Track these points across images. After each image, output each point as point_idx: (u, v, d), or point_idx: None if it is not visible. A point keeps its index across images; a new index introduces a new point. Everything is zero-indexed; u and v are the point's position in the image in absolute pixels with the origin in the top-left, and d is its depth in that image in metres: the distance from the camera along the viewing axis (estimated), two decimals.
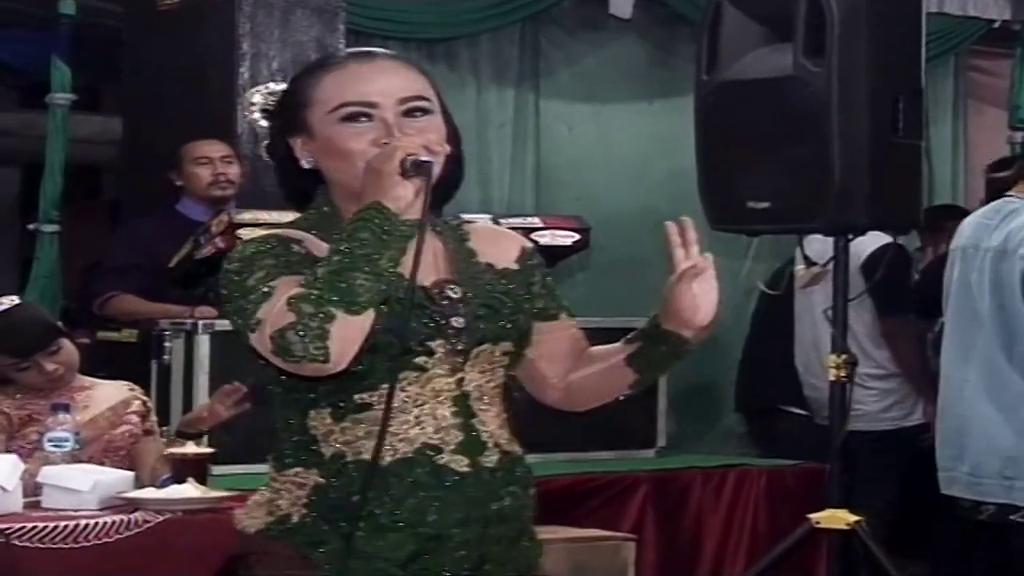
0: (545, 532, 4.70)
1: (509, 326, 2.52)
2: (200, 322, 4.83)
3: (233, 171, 5.75)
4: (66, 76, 6.07)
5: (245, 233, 4.98)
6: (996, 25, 8.22)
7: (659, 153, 7.43)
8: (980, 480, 4.04)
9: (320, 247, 2.42)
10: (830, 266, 4.82)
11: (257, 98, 2.66)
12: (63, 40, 6.14)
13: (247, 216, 5.07)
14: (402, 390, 2.42)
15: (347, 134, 2.45)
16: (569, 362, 2.64)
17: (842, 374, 4.59)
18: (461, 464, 2.44)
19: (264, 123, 2.60)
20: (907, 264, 5.91)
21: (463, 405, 2.46)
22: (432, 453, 2.42)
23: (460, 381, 2.46)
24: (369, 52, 2.55)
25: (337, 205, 2.49)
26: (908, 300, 5.92)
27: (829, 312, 4.70)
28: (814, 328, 5.93)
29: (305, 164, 2.50)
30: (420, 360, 2.43)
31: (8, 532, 3.55)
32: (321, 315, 2.29)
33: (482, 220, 2.65)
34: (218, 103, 6.10)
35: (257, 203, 5.51)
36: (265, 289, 2.35)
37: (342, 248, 2.33)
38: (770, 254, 6.27)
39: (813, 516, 4.56)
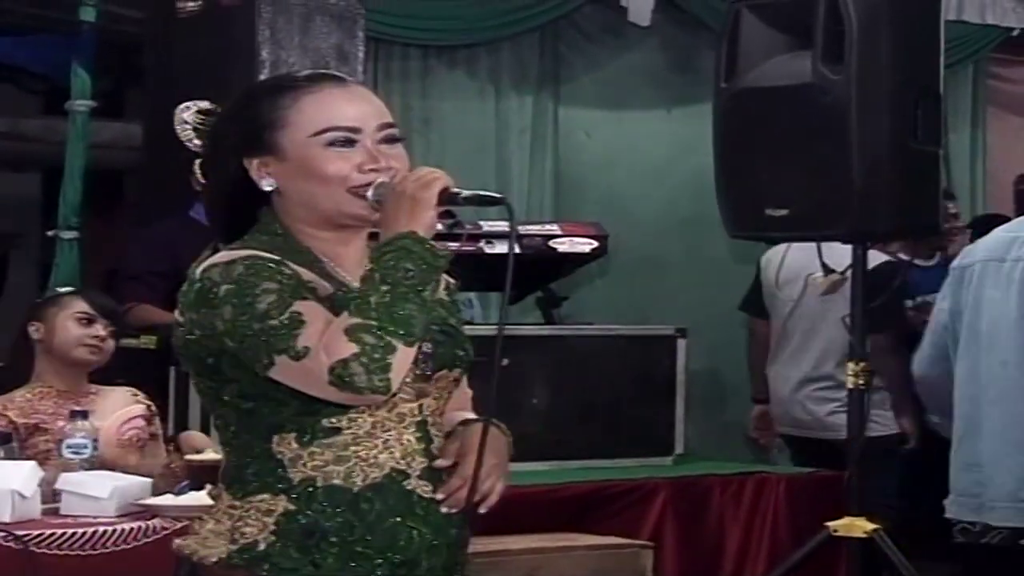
0: (564, 539, 4.77)
1: (462, 352, 2.52)
2: None
3: None
4: (86, 83, 6.08)
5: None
6: (1015, 33, 8.23)
7: (678, 159, 7.43)
8: (993, 504, 3.93)
9: (298, 270, 2.40)
10: (848, 273, 4.81)
11: (189, 116, 2.62)
12: (84, 46, 6.15)
13: None
14: (371, 415, 2.40)
15: (331, 157, 2.43)
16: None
17: (860, 382, 4.58)
18: (426, 490, 2.43)
19: (196, 142, 2.55)
20: (895, 281, 5.73)
21: (424, 431, 2.45)
22: (400, 478, 2.41)
23: (421, 406, 2.45)
24: (338, 76, 2.54)
25: (289, 228, 2.47)
26: (894, 317, 5.84)
27: (847, 319, 4.69)
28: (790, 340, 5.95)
29: (266, 186, 2.46)
30: None
31: (27, 538, 3.56)
32: (383, 346, 2.27)
33: None
34: None
35: None
36: (287, 316, 2.31)
37: (387, 279, 2.31)
38: None
39: (831, 524, 4.55)
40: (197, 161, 2.59)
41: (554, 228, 5.50)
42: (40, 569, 3.55)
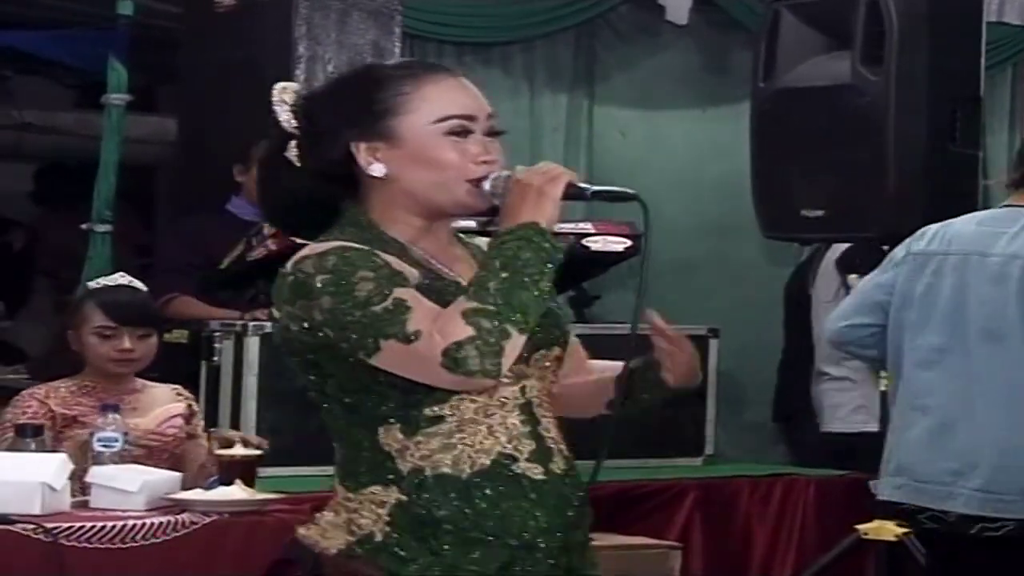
0: (591, 539, 4.75)
1: (559, 331, 2.56)
2: (250, 324, 4.84)
3: None
4: (122, 76, 6.09)
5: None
6: None
7: (712, 160, 7.40)
8: (1000, 496, 3.92)
9: (388, 259, 2.41)
10: None
11: (288, 96, 2.62)
12: (120, 40, 6.16)
13: None
14: (472, 401, 2.43)
15: (449, 146, 2.47)
16: (567, 368, 2.64)
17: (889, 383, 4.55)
18: (536, 472, 2.45)
19: (294, 123, 2.55)
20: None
21: (529, 412, 2.48)
22: (508, 462, 2.43)
23: (523, 389, 2.47)
24: (445, 67, 2.59)
25: (377, 220, 2.49)
26: None
27: None
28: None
29: (375, 172, 2.48)
30: None
31: (56, 531, 3.57)
32: (499, 331, 2.32)
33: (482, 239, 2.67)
34: None
35: None
36: (391, 302, 2.34)
37: (507, 266, 2.35)
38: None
39: (860, 527, 4.53)
40: (292, 142, 2.58)
41: (587, 226, 5.48)
42: (68, 562, 3.55)
